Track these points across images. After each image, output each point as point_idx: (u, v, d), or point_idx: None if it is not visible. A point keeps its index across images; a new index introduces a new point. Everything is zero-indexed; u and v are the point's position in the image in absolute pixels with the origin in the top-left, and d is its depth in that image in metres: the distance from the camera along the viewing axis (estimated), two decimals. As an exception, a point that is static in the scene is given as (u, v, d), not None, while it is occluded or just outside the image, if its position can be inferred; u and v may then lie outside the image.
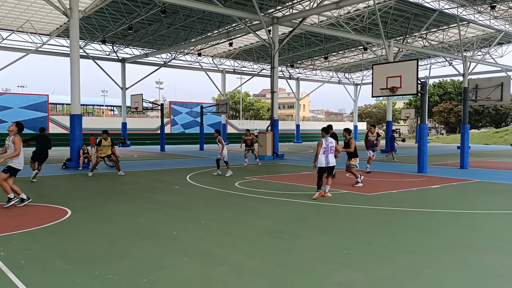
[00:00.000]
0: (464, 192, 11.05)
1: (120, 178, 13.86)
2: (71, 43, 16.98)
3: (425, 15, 28.04)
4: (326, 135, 9.98)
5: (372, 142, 16.22)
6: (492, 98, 18.80)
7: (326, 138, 9.91)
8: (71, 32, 16.87)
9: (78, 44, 17.03)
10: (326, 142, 9.86)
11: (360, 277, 4.56)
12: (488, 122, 62.20)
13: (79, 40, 17.27)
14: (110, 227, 6.95)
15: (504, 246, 5.81)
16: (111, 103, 68.93)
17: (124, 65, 36.15)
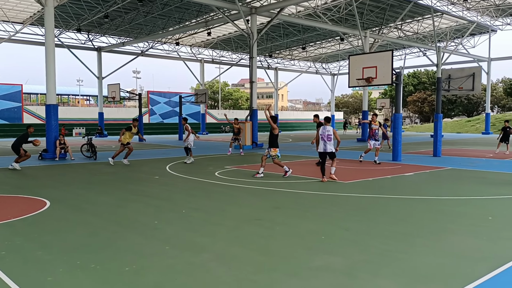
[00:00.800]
0: (437, 179, 11.43)
1: (98, 169, 13.76)
2: (46, 32, 16.63)
3: (400, 6, 28.45)
4: (328, 124, 10.91)
5: (374, 131, 15.24)
6: (464, 87, 19.36)
7: (324, 126, 10.87)
8: (45, 21, 16.51)
9: (53, 33, 16.69)
10: (323, 129, 10.82)
11: (338, 261, 4.76)
12: (460, 111, 63.77)
13: (54, 29, 16.91)
14: (91, 217, 6.97)
15: (475, 230, 6.11)
16: (87, 92, 67.67)
17: (100, 54, 35.51)
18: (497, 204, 8.01)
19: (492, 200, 8.40)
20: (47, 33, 16.52)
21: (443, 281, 4.18)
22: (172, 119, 46.69)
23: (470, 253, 5.06)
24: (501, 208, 7.71)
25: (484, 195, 8.85)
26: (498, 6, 32.05)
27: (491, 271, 4.38)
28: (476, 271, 4.40)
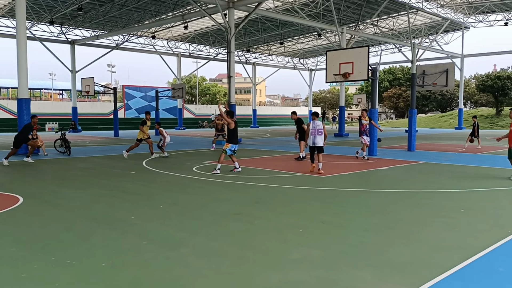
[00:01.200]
0: (411, 173, 11.67)
1: (72, 164, 13.48)
2: (17, 24, 16.14)
3: (376, 2, 28.79)
4: (316, 118, 11.37)
5: (365, 126, 14.90)
6: (438, 83, 19.77)
7: (315, 121, 11.28)
8: (17, 13, 16.02)
9: (25, 25, 16.21)
10: (313, 124, 11.25)
11: (315, 254, 4.81)
12: (434, 107, 65.11)
13: (25, 21, 16.44)
14: (66, 213, 6.84)
15: (448, 221, 6.26)
16: (60, 86, 66.15)
17: (74, 47, 34.72)
18: (469, 197, 8.23)
19: (464, 193, 8.63)
20: (19, 26, 16.04)
21: (418, 271, 4.28)
22: (148, 114, 46.07)
23: (444, 244, 5.19)
24: (472, 200, 7.93)
25: (457, 188, 9.08)
26: (471, 3, 32.82)
27: (464, 261, 4.51)
28: (450, 261, 4.52)
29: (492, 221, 6.33)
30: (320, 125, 11.23)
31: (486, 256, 4.70)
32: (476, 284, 4.02)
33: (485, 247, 4.95)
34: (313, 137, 11.22)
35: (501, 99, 47.47)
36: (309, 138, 11.31)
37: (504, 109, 46.71)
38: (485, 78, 48.77)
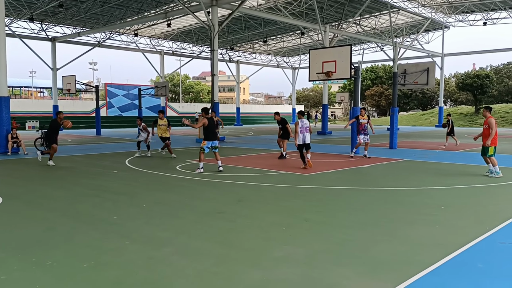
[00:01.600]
0: (393, 170, 11.82)
1: (54, 163, 13.27)
2: (-6, 20, 15.78)
3: (358, 1, 29.04)
4: (302, 116, 11.90)
5: (363, 125, 14.69)
6: (419, 82, 20.06)
7: (302, 119, 11.81)
8: (-6, 8, 15.66)
9: (3, 22, 15.86)
10: (301, 122, 11.77)
11: (298, 252, 4.84)
12: (415, 105, 65.99)
13: (4, 17, 16.09)
14: (47, 213, 6.74)
15: (429, 218, 6.37)
16: (40, 84, 64.95)
17: (55, 45, 34.12)
18: (449, 194, 8.38)
19: (444, 190, 8.79)
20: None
21: (400, 268, 4.34)
22: (131, 112, 45.64)
23: (425, 240, 5.28)
24: (452, 197, 8.07)
25: (437, 186, 9.23)
26: (451, 3, 33.36)
27: (444, 257, 4.59)
28: (431, 257, 4.60)
29: (471, 217, 6.46)
30: (307, 123, 11.87)
31: (466, 252, 4.80)
32: (456, 280, 4.10)
33: (464, 244, 5.05)
34: (302, 135, 11.72)
35: (480, 97, 48.40)
36: (299, 136, 11.69)
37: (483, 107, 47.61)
38: (465, 77, 49.64)
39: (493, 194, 8.42)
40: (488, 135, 10.24)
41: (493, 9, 34.48)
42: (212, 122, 11.21)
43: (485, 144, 10.35)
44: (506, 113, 44.90)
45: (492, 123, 10.26)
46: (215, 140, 11.28)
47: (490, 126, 10.25)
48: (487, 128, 10.32)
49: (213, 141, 11.22)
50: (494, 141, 10.29)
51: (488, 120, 10.35)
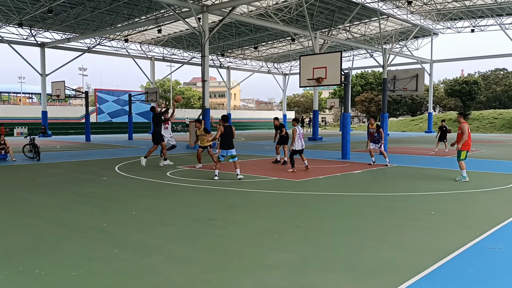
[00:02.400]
0: (383, 176, 11.87)
1: (42, 170, 13.12)
2: (-18, 26, 15.64)
3: (348, 8, 29.29)
4: (296, 124, 12.66)
5: (372, 134, 14.32)
6: (408, 88, 20.24)
7: (298, 126, 12.54)
8: (-18, 14, 15.52)
9: (-10, 27, 15.73)
10: (299, 129, 12.51)
11: (289, 258, 4.82)
12: (405, 111, 66.54)
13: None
14: (35, 221, 6.64)
15: (419, 224, 6.39)
16: (29, 90, 64.39)
17: (44, 50, 33.88)
18: (439, 199, 8.43)
19: (435, 195, 8.84)
20: (-15, 27, 15.55)
21: (391, 274, 4.34)
22: (121, 118, 45.38)
23: (415, 246, 5.29)
24: (442, 202, 8.12)
25: (427, 191, 9.28)
26: (439, 10, 33.79)
27: (435, 263, 4.60)
28: (421, 263, 4.60)
29: (461, 223, 6.50)
30: (301, 130, 12.75)
31: (456, 258, 4.81)
32: (448, 286, 4.10)
33: (455, 249, 5.07)
34: (300, 141, 12.53)
35: (469, 103, 48.94)
36: (297, 142, 12.45)
37: (472, 113, 48.17)
38: (453, 83, 50.22)
39: (482, 199, 8.48)
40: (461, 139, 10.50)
41: (480, 16, 35.01)
42: (228, 130, 10.91)
43: (457, 147, 10.64)
44: (494, 119, 45.46)
45: (464, 128, 10.50)
46: (231, 148, 10.94)
47: (462, 131, 10.50)
48: (461, 133, 10.57)
49: (228, 149, 10.91)
50: (465, 146, 10.54)
51: (461, 126, 10.59)
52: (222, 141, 10.89)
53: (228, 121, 11.34)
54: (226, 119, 11.23)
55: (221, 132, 10.81)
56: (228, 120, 11.28)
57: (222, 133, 10.82)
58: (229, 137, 10.91)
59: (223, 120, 11.19)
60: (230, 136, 10.91)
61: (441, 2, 31.67)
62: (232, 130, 10.98)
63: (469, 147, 10.67)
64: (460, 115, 11.10)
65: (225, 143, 10.87)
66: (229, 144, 10.89)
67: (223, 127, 10.87)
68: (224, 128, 10.84)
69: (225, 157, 10.98)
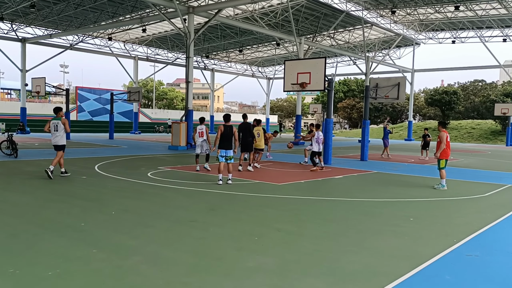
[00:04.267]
0: (363, 182, 11.99)
1: (19, 167, 12.84)
2: (-39, 18, 15.26)
3: (333, 16, 29.59)
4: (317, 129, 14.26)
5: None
6: (390, 96, 20.52)
7: (318, 132, 14.07)
8: (-39, 5, 15.16)
9: (-30, 19, 15.36)
10: (318, 134, 13.99)
11: (269, 262, 4.82)
12: (385, 118, 67.53)
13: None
14: (10, 219, 6.49)
15: (397, 230, 6.47)
16: (8, 86, 62.98)
17: (25, 46, 33.25)
18: (417, 206, 8.56)
19: (413, 202, 8.97)
20: (-36, 19, 15.18)
21: (368, 279, 4.38)
22: (102, 117, 44.80)
23: (393, 252, 5.35)
24: (421, 209, 8.25)
25: (406, 198, 9.42)
26: (422, 21, 34.42)
27: (413, 269, 4.66)
28: (399, 269, 4.66)
29: (439, 230, 6.60)
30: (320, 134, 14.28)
31: (434, 264, 4.89)
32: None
33: (432, 256, 5.15)
34: (318, 144, 14.07)
35: (448, 113, 49.95)
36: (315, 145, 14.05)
37: (451, 122, 49.12)
38: (434, 93, 51.20)
39: (461, 207, 8.64)
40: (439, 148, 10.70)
41: (461, 28, 35.81)
42: (227, 130, 10.66)
43: (435, 156, 10.84)
44: (472, 129, 46.46)
45: (442, 137, 10.66)
46: (229, 149, 10.64)
47: (440, 140, 10.69)
48: (439, 141, 10.76)
49: (227, 150, 10.63)
50: (443, 154, 10.71)
51: (440, 134, 10.78)
52: (221, 141, 10.66)
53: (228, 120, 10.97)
54: (227, 119, 10.97)
55: (221, 131, 10.61)
56: (228, 120, 10.93)
57: (222, 133, 10.62)
58: (229, 137, 10.67)
59: (224, 119, 10.97)
60: (230, 136, 10.68)
61: (424, 13, 32.28)
62: (232, 131, 10.71)
63: (448, 156, 10.81)
64: (440, 124, 11.23)
65: (225, 143, 10.64)
66: (229, 145, 10.67)
67: (223, 126, 10.68)
68: (224, 128, 10.64)
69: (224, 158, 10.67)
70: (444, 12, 31.50)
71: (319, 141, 14.06)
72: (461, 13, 31.34)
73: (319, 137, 14.08)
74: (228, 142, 10.64)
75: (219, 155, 10.69)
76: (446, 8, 30.43)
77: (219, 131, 10.64)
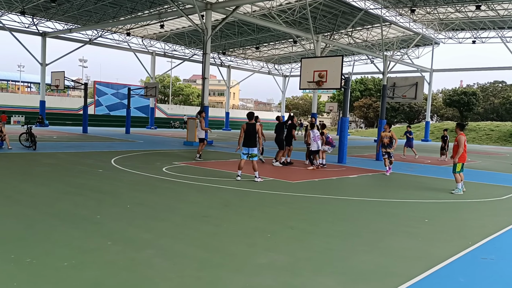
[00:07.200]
0: (378, 182, 11.90)
1: (37, 159, 13.08)
2: (-16, 12, 15.58)
3: (351, 14, 29.34)
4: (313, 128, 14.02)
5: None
6: (407, 96, 20.27)
7: (313, 130, 13.89)
8: (-15, 0, 15.47)
9: (-7, 13, 15.66)
10: (313, 133, 13.85)
11: (281, 259, 4.82)
12: (402, 119, 66.73)
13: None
14: (28, 210, 6.62)
15: (410, 231, 6.41)
16: (28, 79, 64.19)
17: (45, 40, 33.81)
18: (432, 207, 8.46)
19: (428, 203, 8.87)
20: (-13, 13, 15.49)
21: (381, 279, 4.36)
22: (119, 112, 45.33)
23: (407, 252, 5.31)
24: (435, 211, 8.15)
25: (421, 199, 9.31)
26: (442, 20, 33.90)
27: (426, 270, 4.62)
28: (412, 269, 4.62)
29: (454, 232, 6.52)
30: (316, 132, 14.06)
31: (448, 266, 4.83)
32: (436, 293, 4.12)
33: (447, 257, 5.09)
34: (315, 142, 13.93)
35: (466, 114, 49.15)
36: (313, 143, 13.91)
37: (469, 123, 48.36)
38: (452, 93, 50.41)
39: (476, 210, 8.52)
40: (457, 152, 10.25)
41: (482, 28, 35.16)
42: (250, 127, 10.65)
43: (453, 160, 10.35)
44: (491, 131, 45.64)
45: (461, 140, 10.18)
46: (251, 147, 10.65)
47: (458, 143, 10.22)
48: (457, 145, 10.27)
49: (249, 147, 10.65)
50: (461, 158, 10.24)
51: (458, 137, 10.29)
52: (244, 139, 10.70)
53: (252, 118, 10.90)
54: (251, 116, 10.92)
55: (244, 129, 10.66)
56: (252, 118, 10.87)
57: (244, 131, 10.65)
58: (252, 135, 10.66)
59: (248, 117, 10.96)
60: (253, 134, 10.66)
61: (444, 12, 31.78)
62: (255, 128, 10.68)
63: (465, 160, 10.38)
64: (458, 126, 10.72)
65: (247, 141, 10.66)
66: (251, 142, 10.67)
67: (246, 124, 10.73)
68: (247, 126, 10.67)
69: (247, 156, 10.71)
70: (465, 12, 30.97)
71: (316, 139, 13.91)
72: (482, 13, 30.77)
73: (315, 135, 13.92)
74: (250, 139, 10.65)
75: (242, 152, 10.74)
76: (467, 8, 29.92)
77: (242, 129, 10.71)
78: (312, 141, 13.84)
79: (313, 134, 13.84)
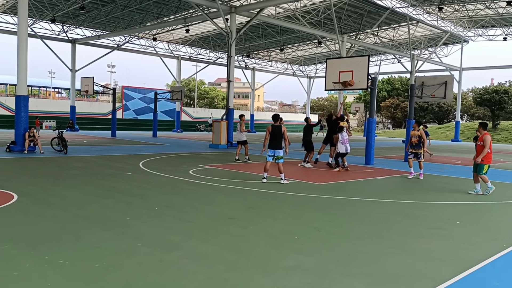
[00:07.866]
0: (406, 183, 11.68)
1: (68, 163, 13.44)
2: (19, 21, 16.14)
3: (377, 13, 28.96)
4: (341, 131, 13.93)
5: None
6: (436, 95, 19.81)
7: (342, 133, 13.78)
8: (19, 9, 16.03)
9: (26, 22, 16.22)
10: (342, 135, 13.74)
11: (309, 261, 4.80)
12: (431, 118, 65.35)
13: (27, 18, 16.44)
14: (60, 212, 6.81)
15: (439, 233, 6.27)
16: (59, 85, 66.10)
17: (75, 46, 34.76)
18: (462, 209, 8.25)
19: (459, 205, 8.65)
20: (20, 22, 16.05)
21: (410, 283, 4.28)
22: (146, 116, 46.09)
23: (437, 255, 5.19)
24: (466, 213, 7.95)
25: (451, 200, 9.09)
26: (471, 17, 33.06)
27: (458, 274, 4.51)
28: (443, 273, 4.52)
29: (486, 234, 6.34)
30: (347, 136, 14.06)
31: (481, 269, 4.70)
32: (469, 297, 4.01)
33: (479, 261, 4.95)
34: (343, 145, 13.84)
35: (498, 113, 47.70)
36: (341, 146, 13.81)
37: (501, 123, 46.93)
38: (483, 92, 49.02)
39: (509, 211, 8.26)
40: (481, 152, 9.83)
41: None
42: (276, 130, 10.61)
43: (476, 160, 9.97)
44: (524, 130, 44.16)
45: (487, 140, 9.78)
46: (277, 149, 10.60)
47: (484, 144, 9.82)
48: (482, 145, 9.87)
49: (275, 149, 10.60)
50: (487, 159, 9.85)
51: (484, 137, 9.87)
52: (270, 141, 10.69)
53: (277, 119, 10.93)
54: (276, 118, 10.94)
55: (269, 131, 10.67)
56: (277, 120, 10.88)
57: (270, 133, 10.65)
58: (277, 137, 10.63)
59: (273, 119, 10.98)
60: (278, 136, 10.63)
61: (473, 9, 30.99)
62: (280, 130, 10.64)
63: (491, 160, 9.96)
64: (481, 126, 10.23)
65: (273, 143, 10.65)
66: (277, 145, 10.64)
67: (271, 126, 10.73)
68: (272, 128, 10.67)
69: (273, 158, 10.69)
70: (495, 8, 30.10)
71: (345, 142, 13.81)
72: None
73: (344, 138, 13.84)
74: (276, 142, 10.62)
75: (267, 154, 10.73)
76: (497, 4, 29.07)
77: (268, 131, 10.71)
78: (340, 144, 13.79)
79: (342, 137, 13.80)
